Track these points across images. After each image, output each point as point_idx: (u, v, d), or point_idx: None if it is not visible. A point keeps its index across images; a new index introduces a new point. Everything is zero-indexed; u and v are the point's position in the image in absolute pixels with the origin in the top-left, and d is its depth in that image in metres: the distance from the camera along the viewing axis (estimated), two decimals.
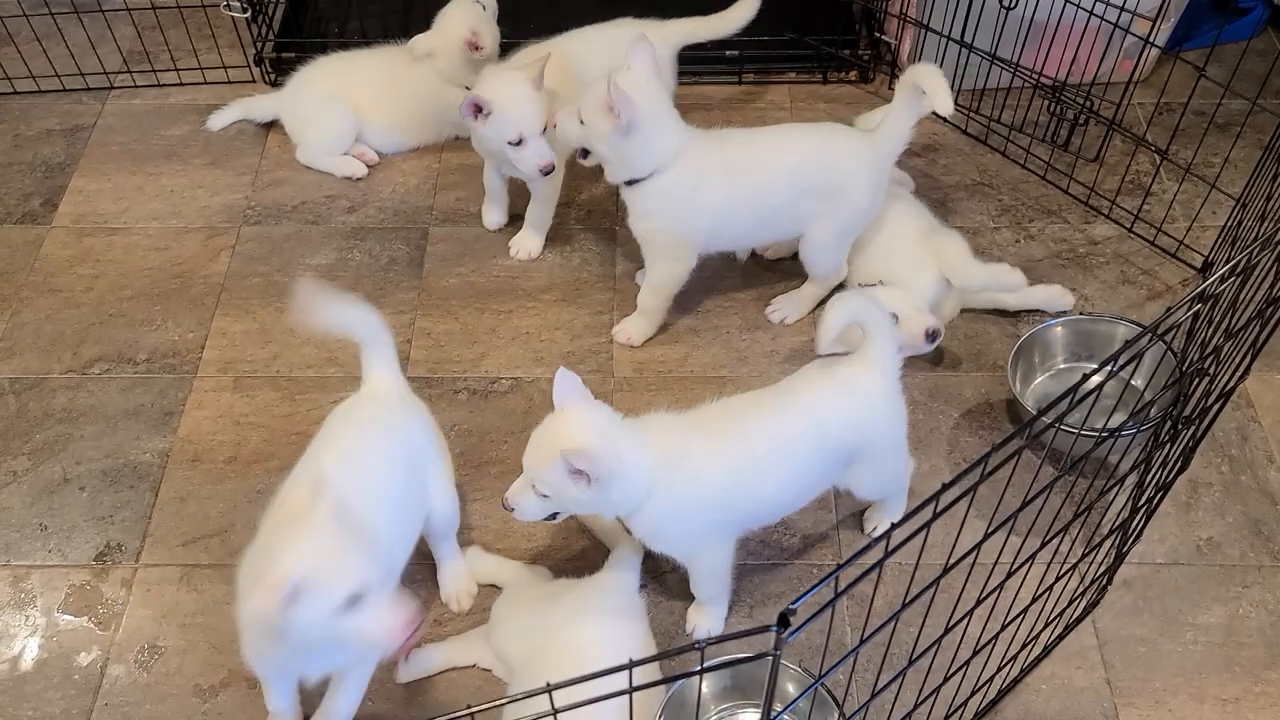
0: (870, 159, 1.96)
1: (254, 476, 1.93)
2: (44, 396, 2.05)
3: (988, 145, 2.46)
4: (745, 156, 1.95)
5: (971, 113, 2.47)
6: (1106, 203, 2.32)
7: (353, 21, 2.70)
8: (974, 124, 2.47)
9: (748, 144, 1.98)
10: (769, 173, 1.95)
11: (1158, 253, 2.25)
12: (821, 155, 1.97)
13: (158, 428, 2.00)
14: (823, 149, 1.98)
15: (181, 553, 1.84)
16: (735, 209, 1.96)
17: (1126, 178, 2.34)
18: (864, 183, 1.96)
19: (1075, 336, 2.02)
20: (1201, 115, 2.33)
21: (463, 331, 2.14)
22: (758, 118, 2.49)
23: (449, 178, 2.43)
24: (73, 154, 2.48)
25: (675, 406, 1.99)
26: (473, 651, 1.69)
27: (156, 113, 2.57)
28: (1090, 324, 2.02)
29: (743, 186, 1.94)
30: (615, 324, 2.14)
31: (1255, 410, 2.00)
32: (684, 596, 1.77)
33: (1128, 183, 2.34)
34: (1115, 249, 2.27)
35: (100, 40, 2.62)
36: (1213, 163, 2.33)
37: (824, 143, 1.99)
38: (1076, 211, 2.33)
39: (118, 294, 2.21)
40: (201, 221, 2.34)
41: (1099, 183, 2.34)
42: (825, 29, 2.56)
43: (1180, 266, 2.23)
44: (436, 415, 1.99)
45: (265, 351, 2.11)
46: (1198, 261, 2.22)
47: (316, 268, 2.25)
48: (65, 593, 1.80)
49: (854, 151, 1.97)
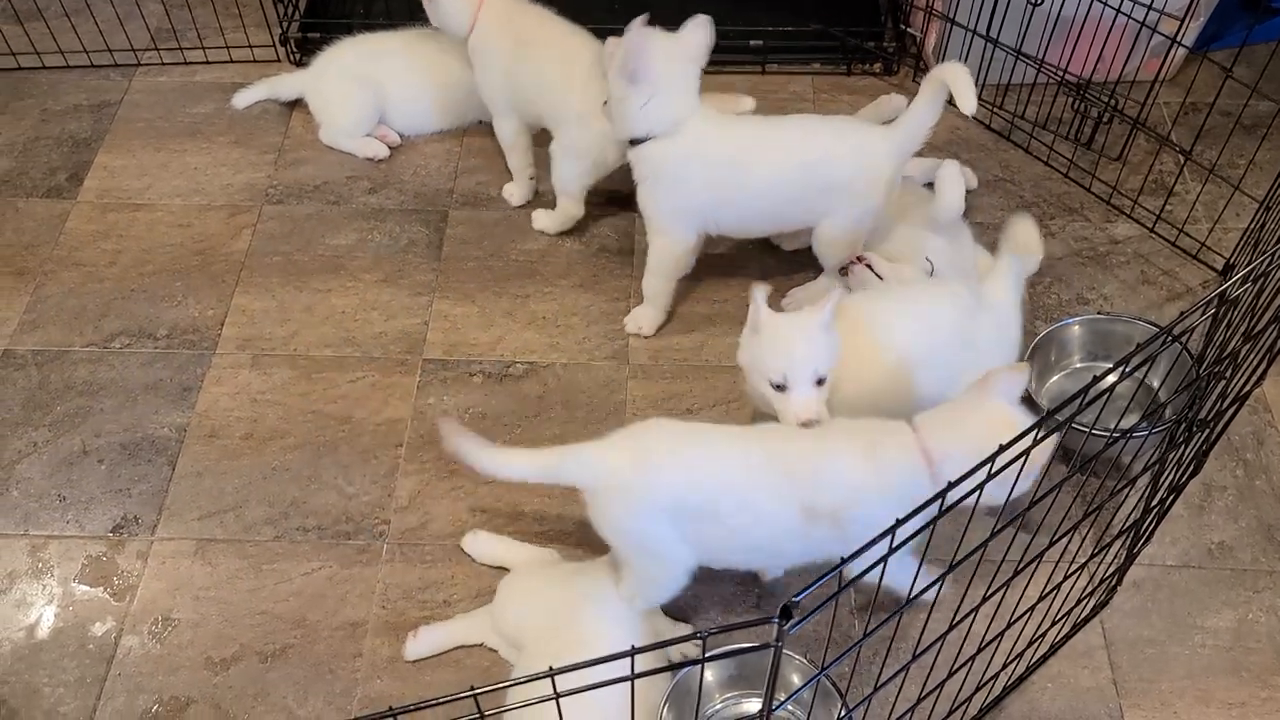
0: (886, 155, 1.93)
1: (270, 454, 1.95)
2: (65, 369, 2.08)
3: (1011, 141, 2.45)
4: (758, 144, 1.94)
5: (995, 108, 2.45)
6: (1129, 202, 2.30)
7: (378, 3, 2.71)
8: (998, 119, 2.46)
9: (762, 132, 1.96)
10: (781, 163, 1.93)
11: (1179, 254, 2.24)
12: (836, 150, 1.93)
13: (176, 403, 2.03)
14: (838, 144, 1.94)
15: (197, 527, 1.87)
16: (742, 194, 1.94)
17: (1149, 177, 2.32)
18: (878, 179, 1.93)
19: (1092, 336, 2.01)
20: (1228, 116, 2.31)
21: (480, 315, 2.15)
22: (779, 107, 2.49)
23: (470, 161, 2.44)
24: (99, 130, 2.50)
25: (691, 395, 2.02)
26: (480, 630, 1.70)
27: (182, 90, 2.59)
28: (1108, 324, 2.01)
29: (752, 173, 1.93)
30: (631, 312, 2.14)
31: (1272, 415, 1.98)
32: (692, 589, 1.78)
33: (1150, 182, 2.32)
34: (1136, 249, 2.25)
35: (128, 17, 2.63)
36: (1238, 164, 2.31)
37: (840, 137, 1.95)
38: (1098, 210, 2.32)
39: (140, 269, 2.23)
40: (224, 199, 2.36)
41: (1121, 182, 2.32)
42: (850, 20, 2.55)
43: (1201, 268, 2.21)
44: (451, 398, 2.02)
45: (284, 330, 2.13)
46: (1219, 264, 2.20)
47: (336, 248, 2.26)
48: (82, 563, 1.83)
49: (870, 147, 1.93)
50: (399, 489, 1.91)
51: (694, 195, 1.95)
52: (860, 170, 1.92)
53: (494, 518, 1.87)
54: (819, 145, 1.93)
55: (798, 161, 1.92)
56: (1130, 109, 2.31)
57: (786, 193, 1.95)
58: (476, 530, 1.83)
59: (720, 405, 2.01)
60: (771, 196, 1.95)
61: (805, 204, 1.96)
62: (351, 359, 2.09)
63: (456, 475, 1.91)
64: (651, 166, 1.93)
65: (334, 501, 1.89)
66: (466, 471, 1.90)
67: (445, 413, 1.99)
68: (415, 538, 1.85)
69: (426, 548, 1.83)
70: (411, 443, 1.97)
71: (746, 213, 2.00)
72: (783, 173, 1.93)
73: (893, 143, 1.93)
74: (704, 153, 1.91)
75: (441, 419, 1.72)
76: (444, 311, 2.16)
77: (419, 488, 1.91)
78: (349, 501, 1.89)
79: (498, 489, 1.90)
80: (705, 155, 1.91)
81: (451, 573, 1.80)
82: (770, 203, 1.96)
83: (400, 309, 2.16)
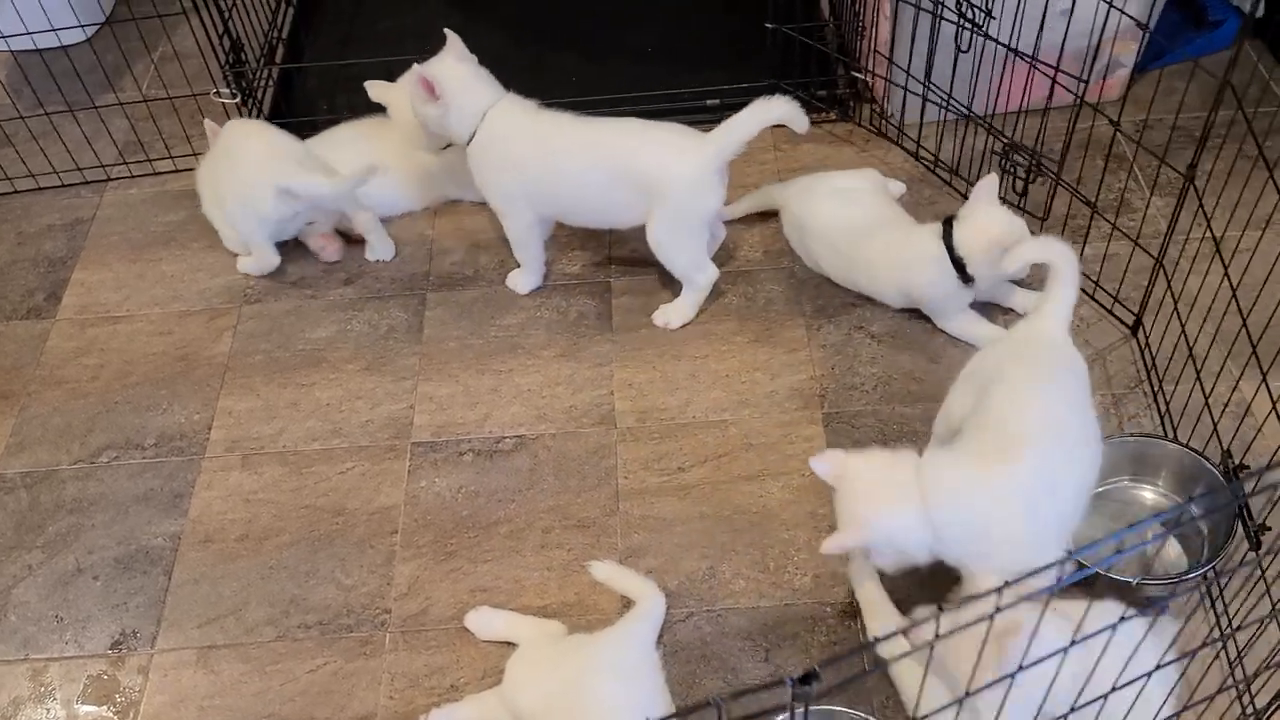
0: (698, 161, 2.03)
1: (266, 553, 1.94)
2: (54, 488, 2.07)
3: (952, 187, 2.45)
4: (565, 139, 2.10)
5: (937, 158, 2.46)
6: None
7: (340, 97, 2.76)
8: (941, 166, 2.47)
9: (571, 129, 2.11)
10: (586, 160, 2.08)
11: (1098, 309, 2.18)
12: (644, 153, 2.06)
13: (168, 511, 2.02)
14: (646, 147, 2.06)
15: (197, 635, 1.85)
16: (554, 184, 2.13)
17: (1066, 228, 2.28)
18: (692, 184, 2.04)
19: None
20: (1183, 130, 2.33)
21: (465, 394, 2.16)
22: (746, 159, 2.51)
23: (443, 243, 2.46)
24: (74, 247, 2.53)
25: (681, 453, 2.02)
26: (491, 711, 1.67)
27: (153, 201, 2.62)
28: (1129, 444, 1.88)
29: (560, 165, 2.10)
30: (615, 376, 2.16)
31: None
32: (701, 651, 1.76)
33: (1070, 233, 2.27)
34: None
35: (95, 135, 2.67)
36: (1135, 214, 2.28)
37: (649, 141, 2.07)
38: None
39: (123, 381, 2.24)
40: (202, 304, 2.38)
41: (1045, 232, 2.22)
42: (802, 72, 2.60)
43: (1114, 325, 2.16)
44: (441, 479, 2.02)
45: (271, 427, 2.13)
46: (1131, 320, 2.14)
47: (316, 341, 2.28)
48: (84, 684, 1.80)
49: (681, 153, 2.05)
50: (397, 576, 1.89)
51: (515, 179, 2.14)
52: (670, 174, 2.04)
53: (495, 595, 1.86)
54: (625, 147, 2.07)
55: (603, 160, 2.07)
56: (1057, 163, 2.30)
57: (596, 188, 2.10)
58: (480, 607, 1.82)
59: (711, 462, 2.01)
60: (583, 190, 2.11)
61: (622, 202, 2.10)
62: (340, 450, 2.09)
63: (454, 557, 1.90)
64: (473, 158, 2.16)
65: (333, 595, 1.88)
66: (465, 552, 1.90)
67: (438, 494, 1.99)
68: (417, 624, 1.83)
69: (430, 633, 1.82)
70: (406, 528, 1.96)
71: (566, 202, 2.17)
72: (588, 169, 2.09)
73: (706, 148, 2.04)
74: (510, 137, 2.12)
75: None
76: (429, 394, 2.17)
77: (417, 573, 1.89)
78: (348, 594, 1.88)
79: (497, 567, 1.89)
80: (512, 139, 2.12)
81: (457, 656, 1.79)
82: (585, 196, 2.13)
83: (385, 395, 2.17)
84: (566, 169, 2.11)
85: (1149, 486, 1.87)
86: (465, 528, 1.95)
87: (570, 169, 2.10)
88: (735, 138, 2.04)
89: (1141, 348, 2.11)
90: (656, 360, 2.18)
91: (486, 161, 2.16)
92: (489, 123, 2.12)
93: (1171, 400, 1.99)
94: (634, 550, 1.90)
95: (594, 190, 2.12)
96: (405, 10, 2.99)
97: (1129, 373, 2.09)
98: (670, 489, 1.98)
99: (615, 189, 2.09)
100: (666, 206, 2.07)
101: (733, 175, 2.15)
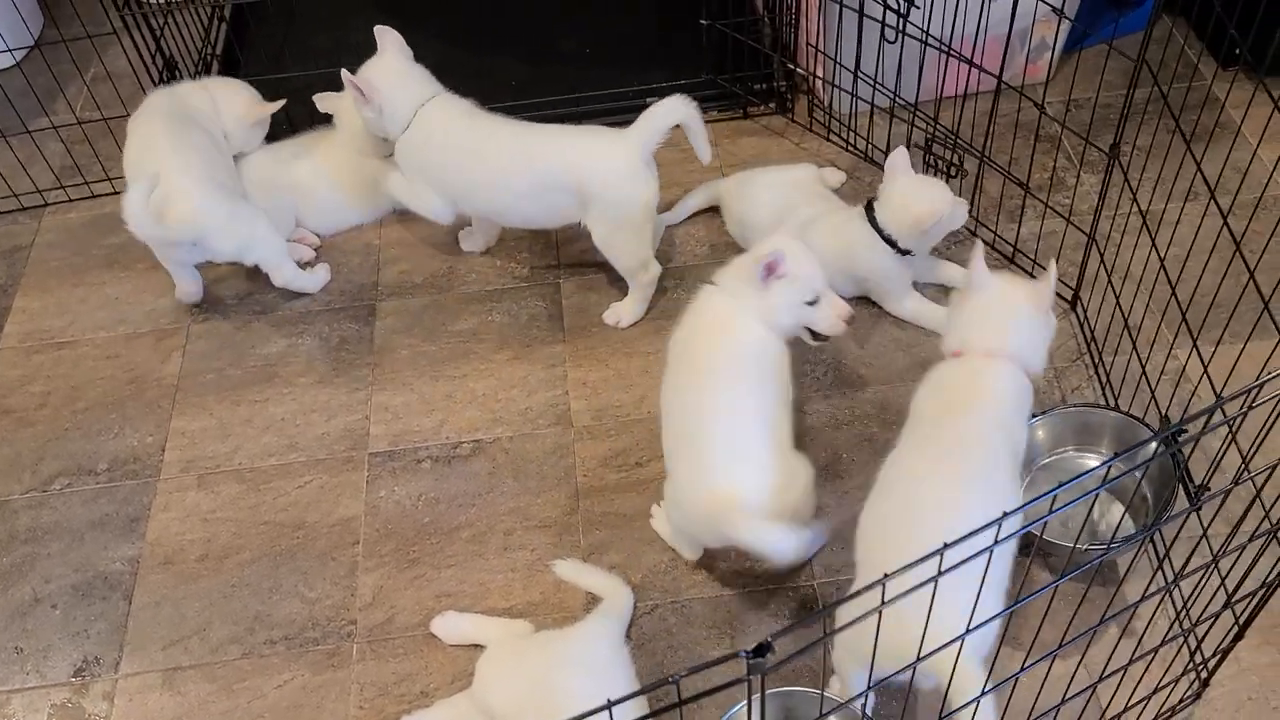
0: (620, 151, 2.09)
1: (227, 571, 1.93)
2: (7, 519, 2.04)
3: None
4: (489, 139, 2.14)
5: (871, 146, 2.51)
6: (990, 233, 2.30)
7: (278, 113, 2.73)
8: (877, 153, 2.51)
9: (496, 130, 2.15)
10: (509, 161, 2.12)
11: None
12: (566, 156, 2.11)
13: (125, 535, 2.00)
14: (565, 148, 2.12)
15: (161, 657, 1.83)
16: (479, 183, 2.16)
17: (1001, 209, 2.34)
18: (616, 176, 2.09)
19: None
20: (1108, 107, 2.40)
21: (420, 401, 2.16)
22: (685, 157, 2.54)
23: (390, 252, 2.46)
24: (13, 274, 2.49)
25: (638, 449, 2.04)
26: (463, 713, 1.68)
27: (93, 224, 2.59)
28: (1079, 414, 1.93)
29: (484, 164, 2.14)
30: (569, 376, 2.17)
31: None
32: (667, 641, 1.79)
33: (1006, 214, 2.34)
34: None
35: (30, 160, 2.64)
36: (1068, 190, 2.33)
37: (568, 143, 2.14)
38: (968, 247, 2.30)
39: (71, 407, 2.21)
40: (149, 325, 2.36)
41: (984, 213, 2.34)
42: (738, 67, 2.64)
43: (1057, 302, 2.14)
44: (401, 488, 2.02)
45: (226, 446, 2.12)
46: (1069, 295, 2.19)
47: (268, 356, 2.27)
48: (47, 713, 1.78)
49: (601, 147, 2.11)
50: (361, 587, 1.89)
51: (431, 170, 2.19)
52: (599, 171, 2.09)
53: (460, 600, 1.86)
54: (547, 150, 2.13)
55: (533, 165, 2.11)
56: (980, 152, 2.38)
57: (520, 190, 2.13)
58: (445, 612, 1.83)
59: None
60: (507, 191, 2.15)
61: (549, 203, 2.15)
62: (297, 464, 2.08)
63: (418, 564, 1.91)
64: (402, 152, 2.20)
65: (298, 609, 1.87)
66: (428, 559, 1.91)
67: (398, 503, 1.99)
68: (384, 633, 1.83)
69: (396, 641, 1.82)
70: (368, 538, 1.96)
71: (492, 202, 2.19)
72: (511, 170, 2.12)
73: (628, 141, 2.10)
74: (443, 132, 2.15)
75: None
76: (384, 403, 2.17)
77: (381, 582, 1.90)
78: (313, 607, 1.88)
79: (461, 572, 1.90)
80: (445, 134, 2.15)
81: (425, 662, 1.79)
82: (509, 196, 2.16)
83: (340, 407, 2.17)
84: (495, 169, 2.14)
85: (1092, 454, 1.93)
86: (427, 534, 1.96)
87: (499, 170, 2.14)
88: (655, 126, 2.09)
89: (1081, 321, 2.17)
90: (609, 358, 2.20)
91: (414, 155, 2.19)
92: (421, 118, 2.16)
93: (1111, 370, 2.05)
94: (596, 547, 1.91)
95: (523, 192, 2.14)
96: (340, 24, 2.98)
97: (1070, 346, 2.15)
98: (629, 484, 2.00)
99: (547, 192, 2.13)
100: (602, 204, 2.11)
101: (674, 175, 2.19)
